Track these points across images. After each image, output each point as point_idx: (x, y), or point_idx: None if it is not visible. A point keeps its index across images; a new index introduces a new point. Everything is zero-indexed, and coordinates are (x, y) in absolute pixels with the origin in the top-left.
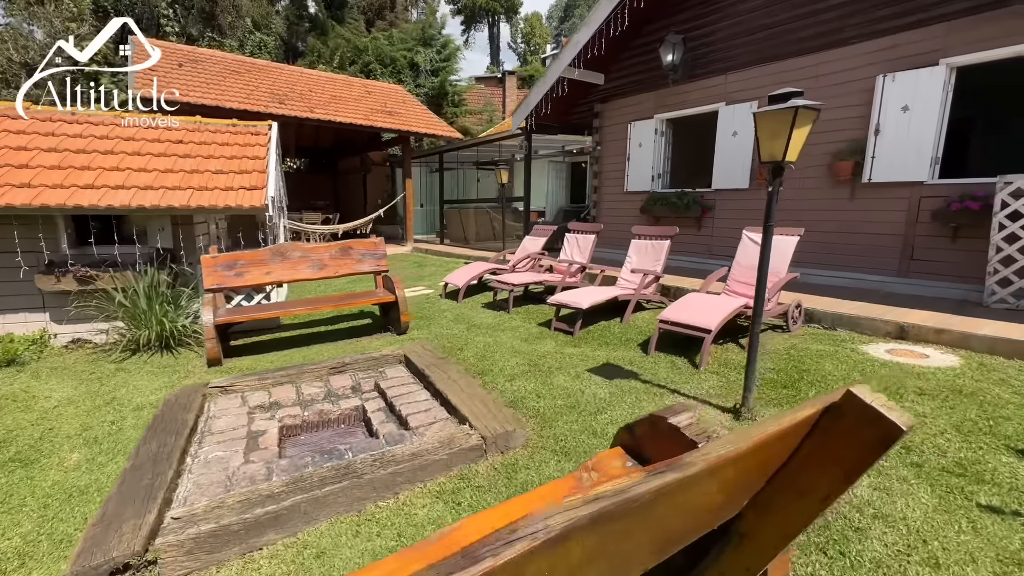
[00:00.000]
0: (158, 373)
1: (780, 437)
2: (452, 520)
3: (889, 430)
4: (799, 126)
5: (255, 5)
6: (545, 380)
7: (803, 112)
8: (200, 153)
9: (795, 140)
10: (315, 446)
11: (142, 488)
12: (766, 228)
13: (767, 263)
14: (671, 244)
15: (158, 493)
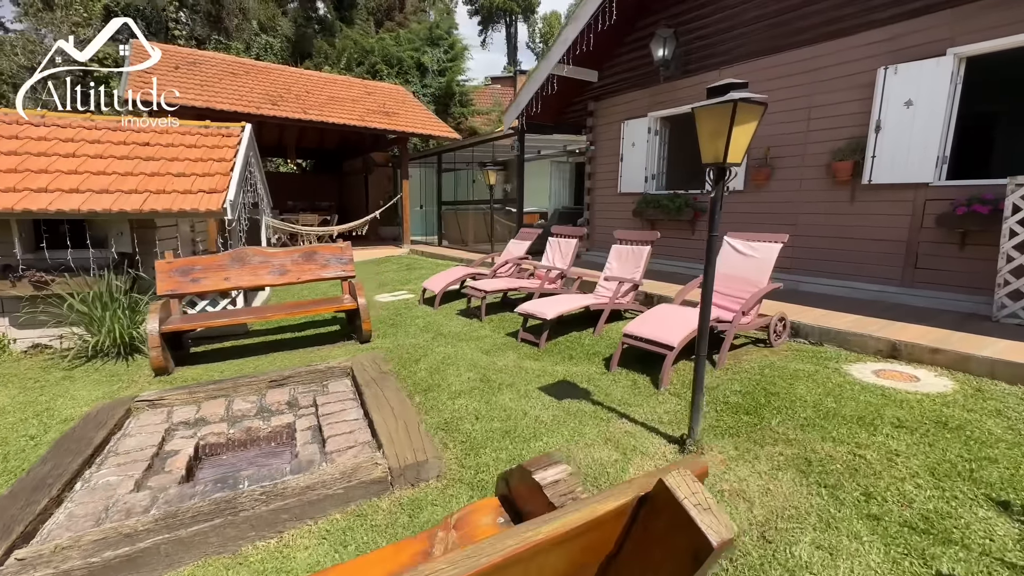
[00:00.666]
0: (103, 382)
1: (598, 524)
2: (331, 563)
3: (700, 543)
4: (740, 123)
5: (262, 7)
6: (490, 399)
7: (744, 107)
8: (165, 155)
9: (737, 139)
10: (232, 468)
11: (4, 519)
12: (710, 239)
13: (710, 279)
14: (653, 249)
15: (15, 526)
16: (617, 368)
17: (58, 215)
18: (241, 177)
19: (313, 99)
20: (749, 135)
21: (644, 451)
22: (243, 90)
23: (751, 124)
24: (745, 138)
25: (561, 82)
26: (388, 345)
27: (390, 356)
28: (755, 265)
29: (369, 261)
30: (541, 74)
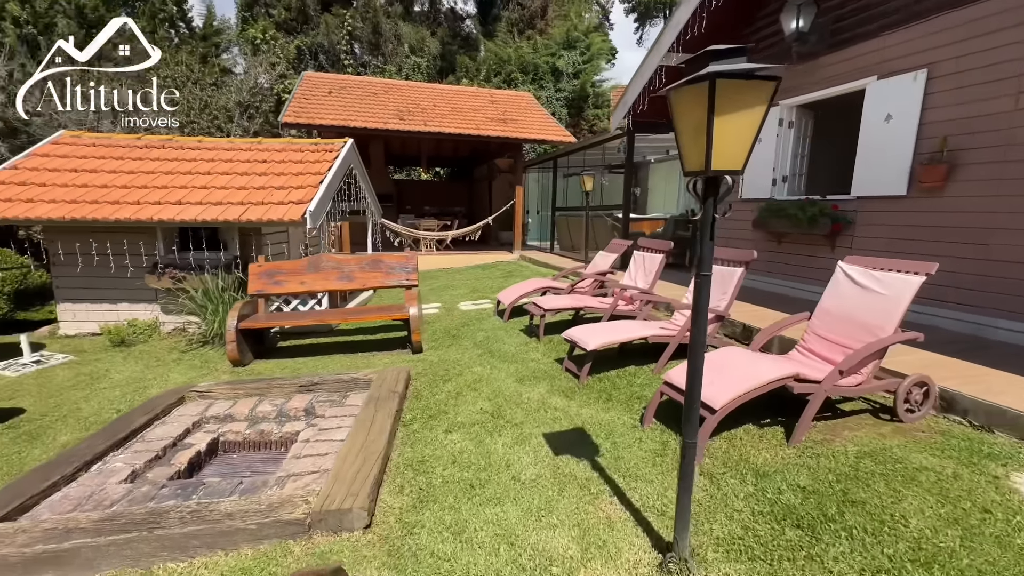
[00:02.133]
0: (196, 367)
1: None
2: None
3: None
4: (727, 110)
5: (414, 32)
6: (484, 440)
7: (732, 87)
8: (274, 171)
9: (724, 136)
10: (231, 469)
11: (15, 487)
12: (699, 281)
13: (701, 328)
14: (746, 271)
15: (11, 503)
16: (652, 423)
17: (183, 224)
18: (329, 190)
19: (437, 112)
20: (748, 128)
21: (612, 554)
22: (377, 108)
23: (749, 112)
24: (740, 133)
25: (672, 74)
26: (434, 358)
27: (426, 371)
28: (879, 305)
29: (476, 267)
30: (648, 67)
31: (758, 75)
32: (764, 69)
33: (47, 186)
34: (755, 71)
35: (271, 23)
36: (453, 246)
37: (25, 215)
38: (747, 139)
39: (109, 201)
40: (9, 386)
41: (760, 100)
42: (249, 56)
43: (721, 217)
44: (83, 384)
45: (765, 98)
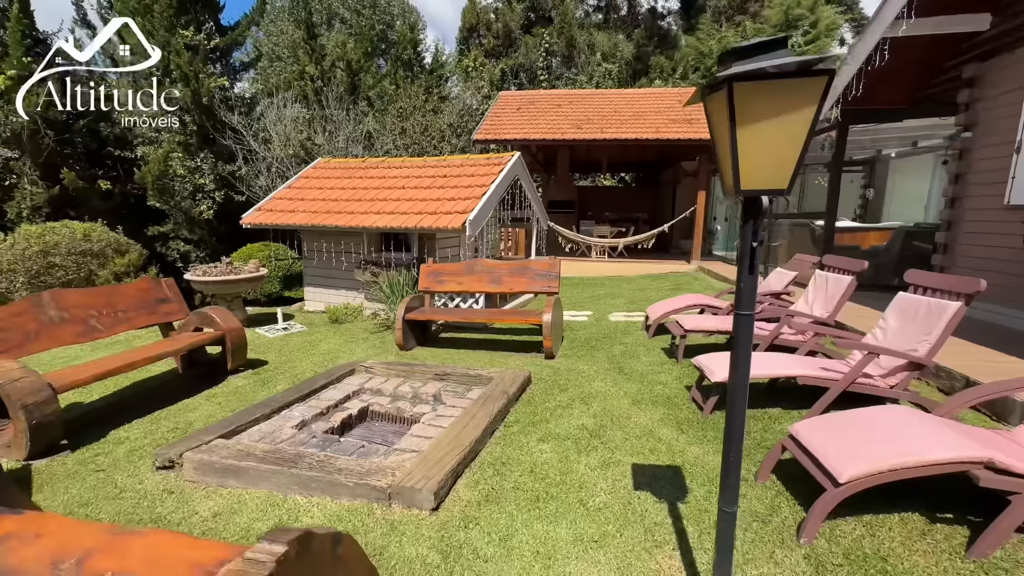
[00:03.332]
0: (375, 346)
1: None
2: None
3: None
4: (751, 120)
5: (607, 38)
6: (569, 457)
7: (752, 90)
8: (450, 184)
9: (757, 149)
10: (369, 434)
11: (231, 419)
12: (738, 320)
13: (744, 371)
14: (966, 309)
15: (231, 426)
16: (769, 480)
17: (379, 229)
18: (490, 200)
19: (616, 118)
20: (789, 138)
21: None
22: (558, 119)
23: (790, 118)
24: (779, 144)
25: (901, 48)
26: (561, 366)
27: (548, 378)
28: None
29: (646, 276)
30: (866, 43)
31: (794, 72)
32: (812, 62)
33: (305, 200)
34: (793, 66)
35: (481, 51)
36: (628, 253)
37: (286, 222)
38: (790, 151)
39: (334, 212)
40: (264, 344)
41: (806, 101)
42: (461, 83)
43: (758, 246)
44: (304, 348)
45: (812, 98)
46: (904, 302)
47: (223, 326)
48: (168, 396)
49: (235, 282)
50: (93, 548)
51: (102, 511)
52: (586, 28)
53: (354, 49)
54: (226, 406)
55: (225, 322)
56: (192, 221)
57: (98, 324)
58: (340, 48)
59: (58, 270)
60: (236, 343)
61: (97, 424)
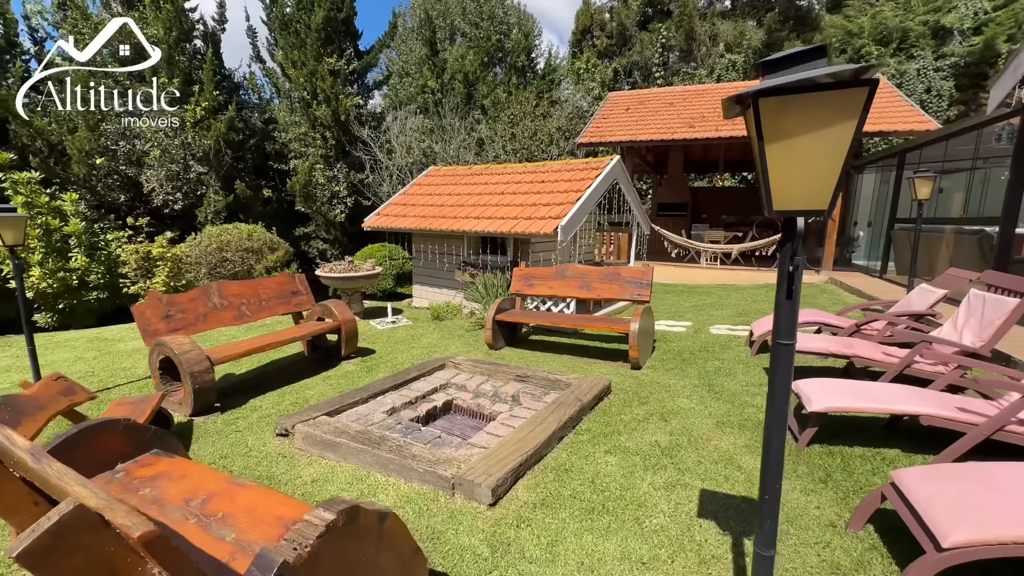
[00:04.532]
0: (470, 342)
1: None
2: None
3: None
4: (780, 137)
5: (733, 27)
6: (634, 473)
7: (779, 106)
8: (546, 189)
9: (790, 167)
10: (450, 425)
11: (335, 399)
12: (776, 348)
13: (782, 410)
14: None
15: (334, 406)
16: (863, 530)
17: (477, 233)
18: (585, 206)
19: None
20: (827, 155)
21: None
22: (669, 118)
23: (828, 133)
24: (815, 162)
25: None
26: (646, 378)
27: (630, 388)
28: None
29: (762, 286)
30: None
31: (831, 83)
32: (850, 73)
33: (415, 206)
34: (832, 77)
35: (593, 52)
36: (743, 261)
37: (398, 225)
38: (828, 169)
39: (439, 216)
40: (374, 335)
41: (844, 115)
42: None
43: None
44: (407, 341)
45: (851, 112)
46: None
47: (339, 318)
48: (295, 374)
49: (354, 279)
50: (215, 492)
51: (234, 464)
52: (708, 18)
53: (471, 61)
54: (336, 387)
55: (341, 314)
56: (329, 223)
57: (247, 311)
58: (459, 61)
59: (229, 263)
60: (349, 333)
61: (242, 392)
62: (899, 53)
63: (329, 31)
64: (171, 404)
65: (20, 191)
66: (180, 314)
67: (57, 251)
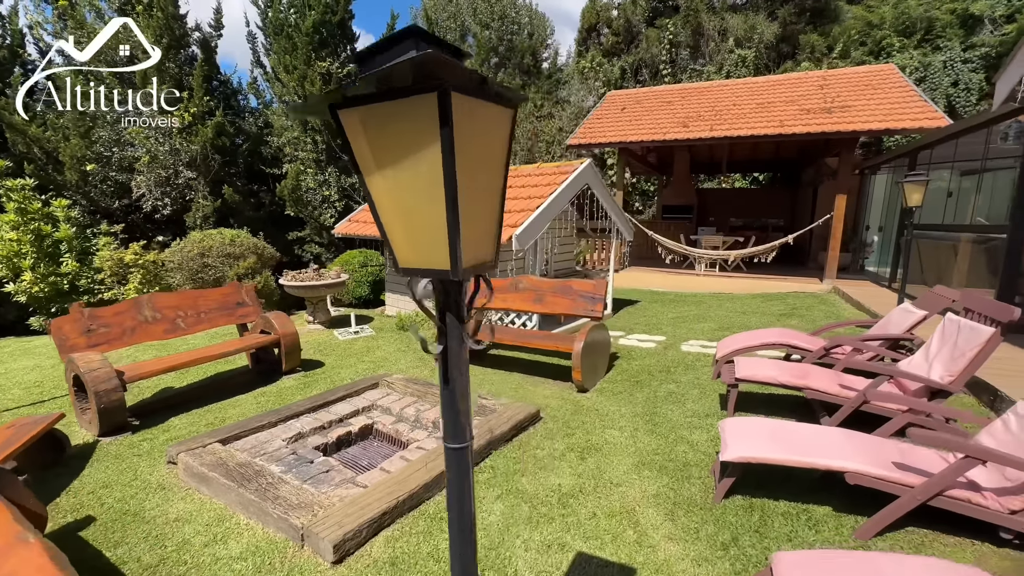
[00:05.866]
0: (423, 357)
1: None
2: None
3: None
4: (371, 169)
5: (743, 21)
6: (510, 528)
7: (372, 114)
8: (511, 195)
9: (388, 209)
10: (362, 453)
11: (237, 424)
12: None
13: None
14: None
15: (233, 432)
16: None
17: None
18: (546, 213)
19: (734, 112)
20: (428, 193)
21: None
22: (663, 118)
23: (416, 161)
24: (421, 201)
25: None
26: (587, 403)
27: (563, 417)
28: None
29: (758, 296)
30: None
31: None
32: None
33: None
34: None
35: (599, 51)
36: (746, 267)
37: (364, 232)
38: (437, 213)
39: None
40: (332, 346)
41: (426, 135)
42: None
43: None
44: (361, 353)
45: (431, 130)
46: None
47: (279, 331)
48: (232, 390)
49: (316, 287)
50: None
51: (112, 495)
52: (718, 12)
53: (471, 62)
54: (265, 405)
55: (281, 327)
56: (321, 227)
57: (183, 323)
58: None
59: (210, 269)
60: (290, 347)
61: (169, 409)
62: (924, 44)
63: (324, 34)
64: (84, 423)
65: (13, 197)
66: (103, 328)
67: (49, 256)
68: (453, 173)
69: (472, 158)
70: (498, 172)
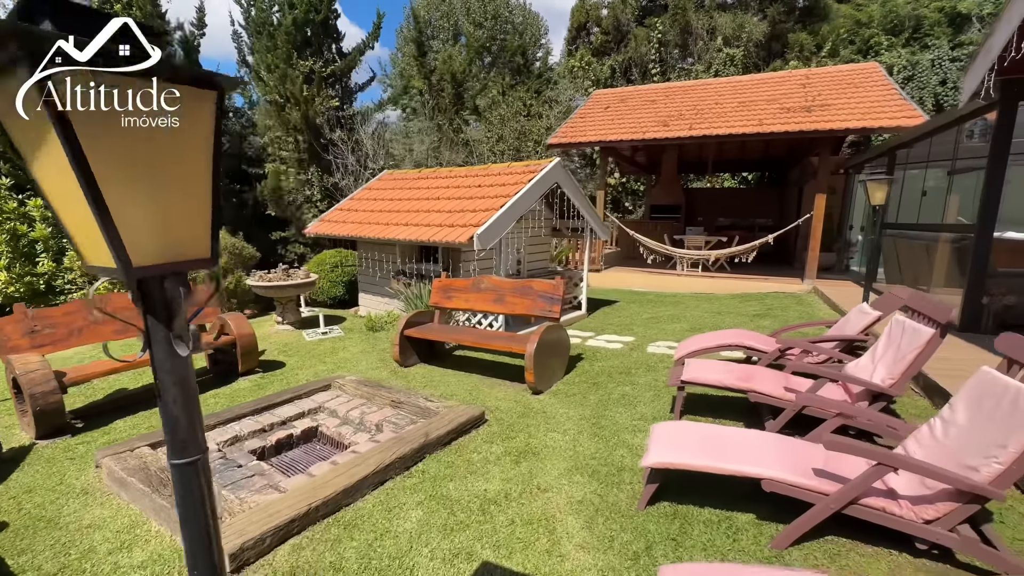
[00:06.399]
0: (383, 358)
1: None
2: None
3: None
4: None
5: (732, 19)
6: (423, 535)
7: None
8: (479, 195)
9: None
10: (303, 455)
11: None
12: None
13: None
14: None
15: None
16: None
17: (402, 241)
18: (510, 212)
19: (716, 111)
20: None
21: None
22: (644, 117)
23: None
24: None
25: None
26: (537, 406)
27: (509, 420)
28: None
29: (737, 296)
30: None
31: None
32: None
33: (357, 211)
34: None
35: (588, 50)
36: (729, 267)
37: (335, 232)
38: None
39: (374, 223)
40: (298, 347)
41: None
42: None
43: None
44: (324, 355)
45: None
46: (986, 385)
47: (235, 332)
48: None
49: (284, 287)
50: None
51: (34, 500)
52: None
53: (461, 61)
54: (215, 407)
55: (238, 329)
56: (304, 227)
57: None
58: (447, 62)
59: None
60: (246, 348)
61: (120, 410)
62: (912, 43)
63: (308, 33)
64: (24, 425)
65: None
66: (49, 329)
67: (25, 256)
68: (85, 165)
69: (148, 146)
70: (198, 161)
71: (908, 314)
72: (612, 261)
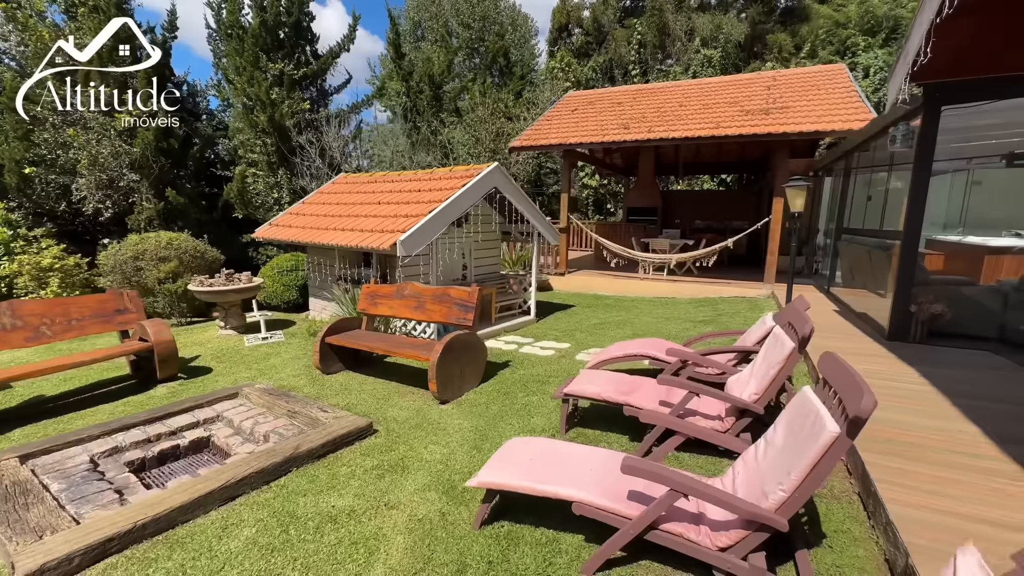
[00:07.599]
0: (307, 365)
1: None
2: None
3: None
4: None
5: (710, 20)
6: (267, 556)
7: None
8: (414, 200)
9: None
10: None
11: (52, 438)
12: None
13: None
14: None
15: (41, 446)
16: None
17: (334, 247)
18: (438, 218)
19: (679, 113)
20: None
21: None
22: (608, 120)
23: None
24: None
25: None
26: (435, 416)
27: (397, 430)
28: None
29: (694, 301)
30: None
31: None
32: None
33: (305, 215)
34: None
35: (569, 51)
36: (697, 271)
37: (281, 237)
38: None
39: (317, 227)
40: (233, 352)
41: None
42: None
43: None
44: (254, 361)
45: None
46: (800, 407)
47: (153, 339)
48: (101, 398)
49: (224, 292)
50: None
51: None
52: (684, 12)
53: (440, 63)
54: (122, 415)
55: (156, 335)
56: None
57: (48, 331)
58: (426, 63)
59: (144, 272)
60: (164, 355)
61: (27, 418)
62: (889, 44)
63: (279, 36)
64: None
65: None
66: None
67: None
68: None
69: None
70: None
71: (786, 327)
72: (585, 265)
